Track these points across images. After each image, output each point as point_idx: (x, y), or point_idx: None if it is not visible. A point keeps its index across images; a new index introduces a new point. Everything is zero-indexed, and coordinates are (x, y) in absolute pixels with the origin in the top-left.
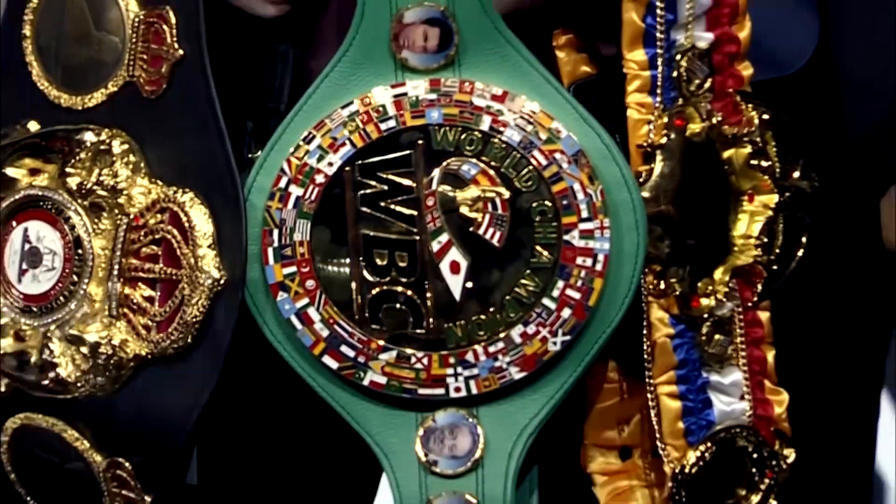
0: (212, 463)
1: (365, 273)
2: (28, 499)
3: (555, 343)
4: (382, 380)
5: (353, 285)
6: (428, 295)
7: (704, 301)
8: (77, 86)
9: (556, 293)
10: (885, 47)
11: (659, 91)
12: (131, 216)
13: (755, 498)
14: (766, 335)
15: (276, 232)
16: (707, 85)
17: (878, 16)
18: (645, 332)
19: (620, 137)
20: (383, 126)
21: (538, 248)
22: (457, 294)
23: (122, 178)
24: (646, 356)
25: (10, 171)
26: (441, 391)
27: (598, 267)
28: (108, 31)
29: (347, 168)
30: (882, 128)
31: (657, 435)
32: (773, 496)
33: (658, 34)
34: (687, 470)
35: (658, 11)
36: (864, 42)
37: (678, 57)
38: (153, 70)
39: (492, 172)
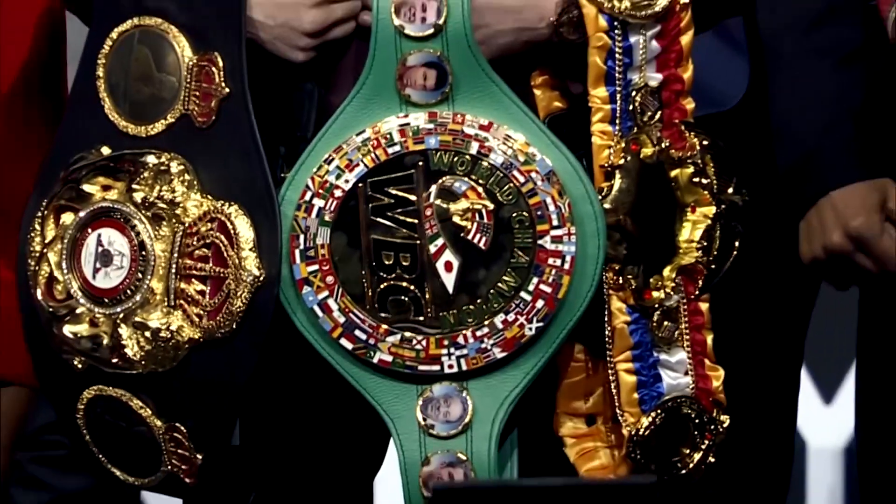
0: (251, 428)
1: (375, 270)
2: (100, 457)
3: (530, 328)
4: (389, 358)
5: (365, 281)
6: (426, 289)
7: (655, 294)
8: (141, 117)
9: (531, 287)
10: (806, 93)
11: (618, 121)
12: (186, 224)
13: (696, 455)
14: (706, 322)
15: (301, 237)
16: (657, 116)
17: (802, 65)
18: (606, 319)
19: (586, 160)
20: (390, 150)
21: (517, 250)
22: (450, 288)
23: (179, 193)
24: (607, 339)
25: (87, 188)
26: (437, 368)
27: (566, 266)
28: (167, 73)
29: (360, 184)
30: (804, 162)
31: (616, 404)
32: (711, 454)
33: (617, 75)
34: (641, 433)
35: (617, 56)
36: (791, 88)
37: (633, 93)
38: (204, 105)
39: (479, 188)
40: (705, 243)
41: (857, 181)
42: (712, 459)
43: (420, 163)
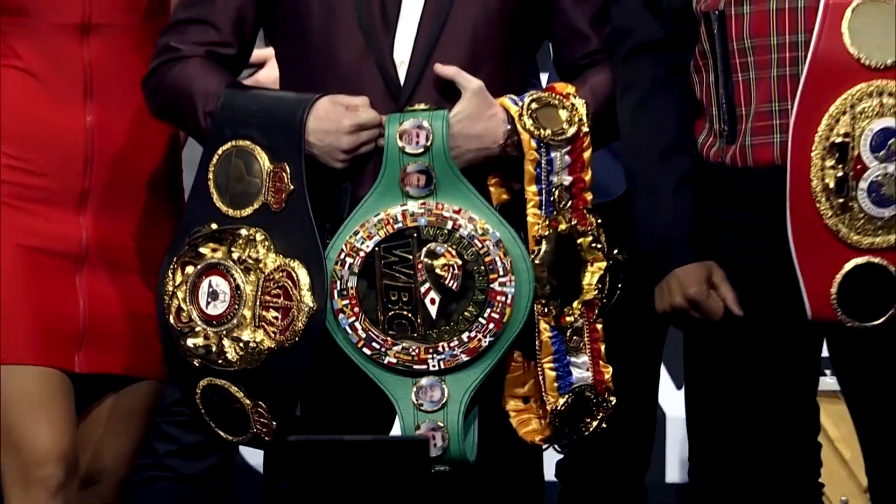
0: (307, 405)
1: (385, 304)
2: (210, 422)
3: (485, 341)
4: (394, 360)
5: (379, 310)
6: (418, 316)
7: (568, 319)
8: (237, 205)
9: (486, 315)
10: (657, 205)
11: (543, 208)
12: (266, 273)
13: (594, 423)
14: (600, 336)
15: (338, 282)
16: (569, 204)
17: (654, 188)
18: (536, 334)
19: (523, 233)
20: (395, 226)
21: (477, 291)
22: (434, 315)
23: (261, 253)
24: (536, 348)
25: (202, 250)
26: (425, 367)
27: (509, 301)
28: (253, 176)
29: (376, 248)
30: (657, 249)
31: (543, 390)
32: (603, 422)
33: (543, 178)
34: (559, 408)
35: (542, 166)
36: (647, 201)
37: (553, 190)
38: (277, 197)
39: (452, 251)
40: (600, 286)
41: (692, 262)
42: (604, 425)
43: (415, 234)
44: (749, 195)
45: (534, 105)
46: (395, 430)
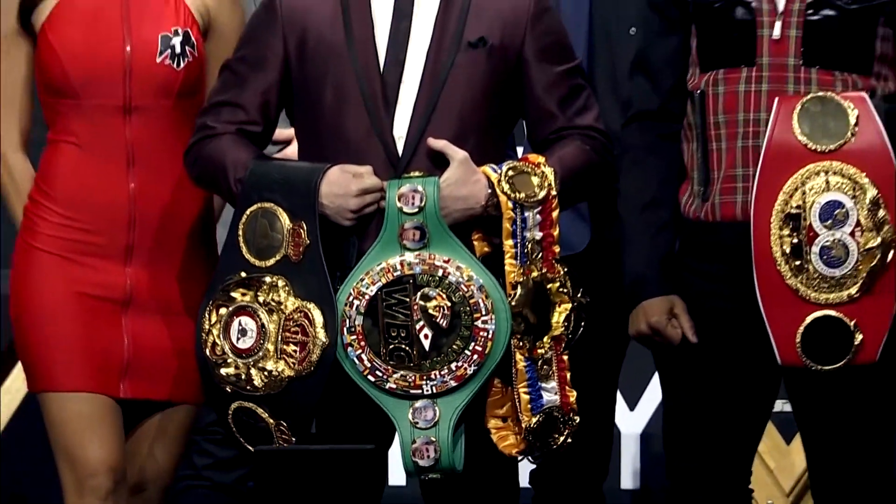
0: (321, 423)
1: (386, 339)
2: (240, 438)
3: (470, 370)
4: (394, 386)
5: (381, 344)
6: (414, 349)
7: (539, 351)
8: (262, 257)
9: (470, 347)
10: (637, 248)
11: (518, 258)
12: (286, 314)
13: (561, 438)
14: (566, 366)
15: (347, 321)
16: (540, 256)
17: (635, 233)
18: (512, 364)
19: (501, 279)
20: (395, 274)
21: (463, 328)
22: (427, 348)
23: (282, 297)
24: (513, 375)
25: (233, 294)
26: (420, 391)
27: (490, 337)
28: (276, 233)
29: (379, 293)
30: (633, 284)
31: (519, 411)
32: (569, 437)
33: (518, 233)
34: (532, 426)
35: (518, 223)
36: (630, 244)
37: (527, 243)
38: (296, 249)
39: (443, 295)
40: (566, 324)
41: (658, 296)
42: (570, 440)
43: (411, 281)
44: (716, 246)
45: (510, 172)
46: (395, 445)
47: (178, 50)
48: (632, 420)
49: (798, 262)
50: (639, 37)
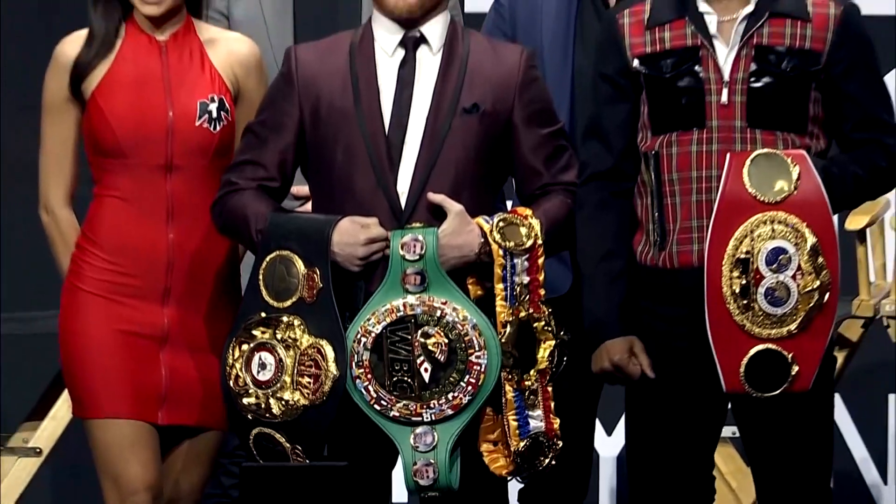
0: (332, 446)
1: (390, 372)
2: (260, 460)
3: (465, 400)
4: (398, 414)
5: (386, 377)
6: (416, 381)
7: (527, 383)
8: (280, 299)
9: (465, 380)
10: (595, 295)
11: (508, 300)
12: (301, 349)
13: (546, 460)
14: (550, 396)
15: (356, 356)
16: (527, 298)
17: (594, 282)
18: (503, 394)
19: (492, 319)
20: (398, 314)
21: (458, 362)
22: (427, 381)
23: (298, 335)
24: (503, 404)
25: (254, 332)
26: (420, 419)
27: (483, 371)
28: (293, 277)
29: (384, 331)
30: (594, 326)
31: (508, 436)
32: (553, 460)
33: (508, 278)
34: (520, 450)
35: (507, 269)
36: (589, 292)
37: (516, 287)
38: (310, 292)
39: (441, 332)
40: (550, 358)
41: (618, 337)
42: (554, 462)
43: (412, 320)
44: (674, 290)
45: (501, 223)
46: (398, 467)
47: (214, 115)
48: (609, 444)
49: (745, 301)
50: (590, 104)
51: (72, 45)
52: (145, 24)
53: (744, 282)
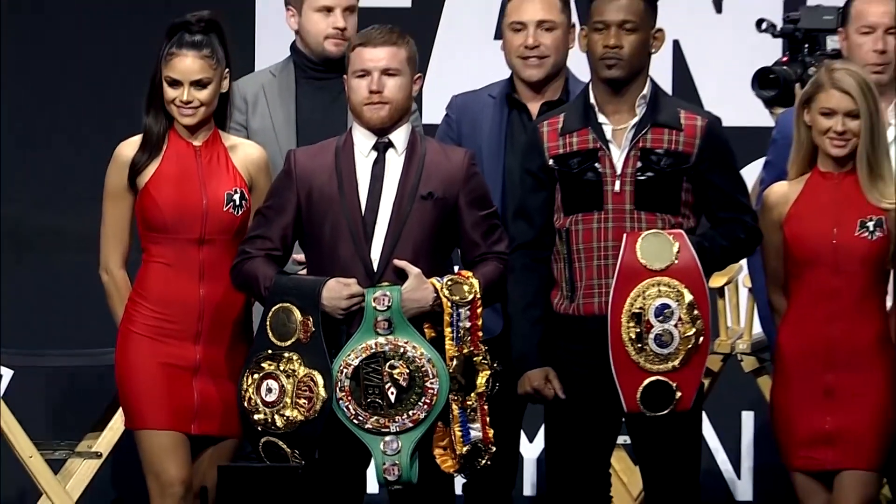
0: (322, 451)
1: (365, 394)
2: (267, 461)
3: (422, 415)
4: (371, 427)
5: (362, 399)
6: (384, 401)
7: (469, 403)
8: (282, 339)
9: (422, 400)
10: (519, 332)
11: (455, 340)
12: (299, 378)
13: (483, 461)
14: (486, 413)
15: (339, 383)
16: (469, 338)
17: (517, 322)
18: (450, 412)
19: (443, 354)
20: (371, 351)
21: (417, 387)
22: (392, 401)
23: (296, 367)
24: (450, 419)
25: (262, 364)
26: (388, 430)
27: (435, 393)
28: (292, 323)
29: (360, 364)
30: (518, 359)
31: (454, 442)
32: (489, 460)
33: (454, 323)
34: (463, 453)
35: (454, 316)
36: (515, 329)
37: (461, 330)
38: (306, 335)
39: (404, 365)
40: (486, 384)
41: (537, 367)
42: (489, 462)
43: (382, 356)
44: (582, 332)
45: (449, 282)
46: (371, 467)
47: (237, 203)
48: (531, 449)
49: (640, 345)
50: (517, 192)
51: (129, 147)
52: (183, 132)
53: (638, 330)
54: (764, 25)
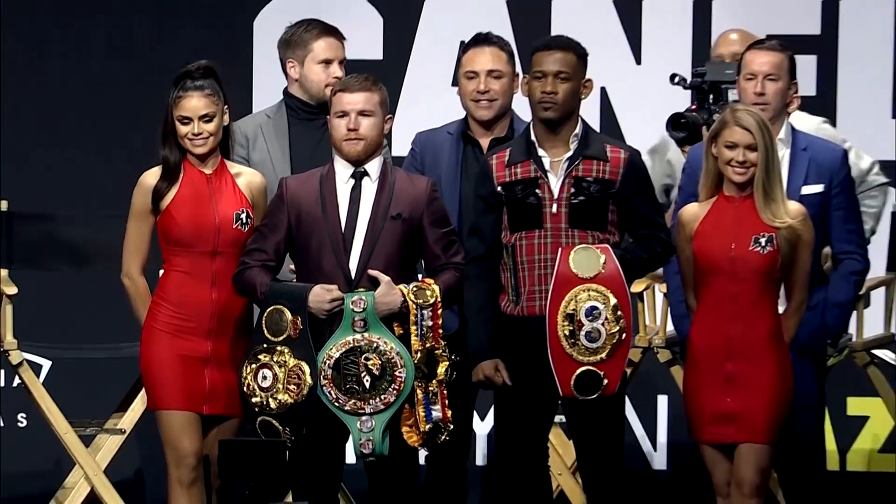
0: (309, 428)
1: (345, 380)
2: (264, 437)
3: (392, 399)
4: (349, 408)
5: (342, 384)
6: (360, 387)
7: (431, 388)
8: (275, 336)
9: (393, 387)
10: (472, 330)
11: (419, 336)
12: (289, 367)
13: (442, 437)
14: (446, 396)
15: (323, 372)
16: (431, 335)
17: (472, 320)
18: (415, 396)
19: (409, 348)
20: (350, 345)
21: (388, 375)
22: (367, 387)
23: (287, 359)
24: (415, 401)
25: (259, 356)
26: (364, 411)
27: (403, 380)
28: (283, 322)
29: (340, 356)
30: (472, 352)
31: (418, 421)
32: (447, 436)
33: (419, 322)
34: (426, 430)
35: (419, 317)
36: (469, 328)
37: (424, 328)
38: (294, 331)
39: (377, 357)
40: (446, 373)
41: (488, 359)
42: (447, 438)
43: (359, 349)
44: (525, 330)
45: (414, 288)
46: (350, 442)
47: (244, 221)
48: (483, 426)
49: (573, 340)
50: (471, 214)
51: (151, 176)
52: (196, 163)
53: (571, 328)
54: (676, 79)
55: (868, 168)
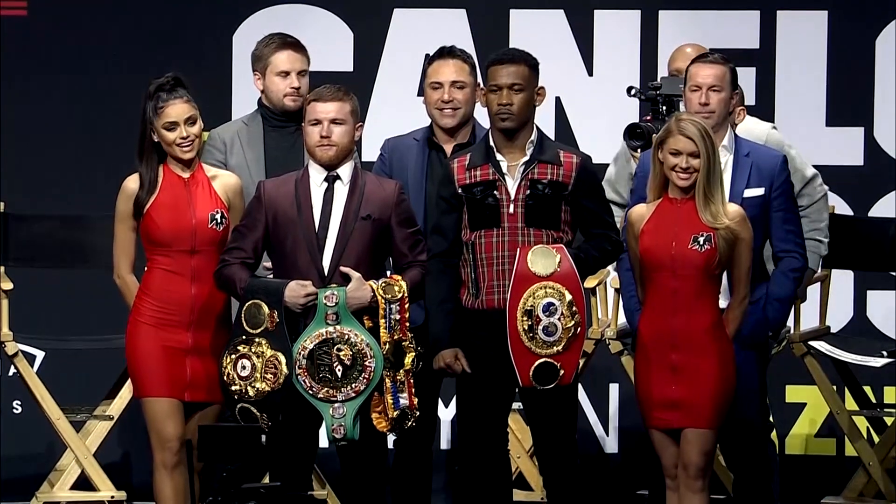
0: (285, 414)
1: (318, 370)
2: (243, 423)
3: (362, 387)
4: (323, 396)
5: (315, 373)
6: (333, 376)
7: (398, 377)
8: (254, 328)
9: (363, 376)
10: (435, 319)
11: (388, 329)
12: (266, 358)
13: (409, 422)
14: (412, 385)
15: (298, 362)
16: (398, 327)
17: (434, 312)
18: (384, 384)
19: (378, 340)
20: (323, 337)
21: (359, 365)
22: (339, 376)
23: (264, 349)
24: (384, 390)
25: (238, 347)
26: (336, 399)
27: (373, 370)
28: (261, 315)
29: (315, 347)
30: (433, 340)
31: (386, 408)
32: (414, 422)
33: (387, 316)
34: (394, 417)
35: (387, 311)
36: (432, 320)
37: (392, 321)
38: (272, 324)
39: (348, 348)
40: (412, 363)
41: (448, 348)
42: (414, 424)
43: (331, 341)
44: (484, 322)
45: (383, 284)
46: (323, 427)
47: (218, 221)
48: (447, 412)
49: (531, 334)
50: (434, 214)
51: (132, 181)
52: (175, 167)
53: (530, 322)
54: (633, 91)
55: (811, 176)
